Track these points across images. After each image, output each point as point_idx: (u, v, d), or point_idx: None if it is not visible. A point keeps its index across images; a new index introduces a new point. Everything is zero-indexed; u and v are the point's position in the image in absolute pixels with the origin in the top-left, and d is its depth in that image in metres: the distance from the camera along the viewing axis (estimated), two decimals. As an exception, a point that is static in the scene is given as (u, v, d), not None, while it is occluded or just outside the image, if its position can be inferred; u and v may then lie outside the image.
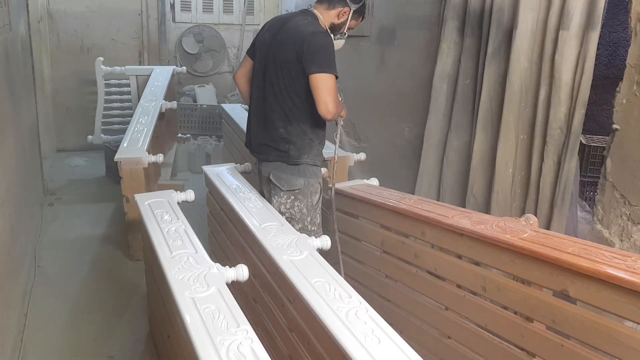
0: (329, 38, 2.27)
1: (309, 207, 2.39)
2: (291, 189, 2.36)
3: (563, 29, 2.38)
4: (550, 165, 2.49)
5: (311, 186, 2.39)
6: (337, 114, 2.22)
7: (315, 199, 2.41)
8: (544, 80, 2.50)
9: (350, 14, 2.33)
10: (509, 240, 1.74)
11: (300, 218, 2.38)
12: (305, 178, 2.37)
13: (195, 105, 5.85)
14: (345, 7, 2.32)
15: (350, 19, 2.35)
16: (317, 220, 2.44)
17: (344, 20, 2.34)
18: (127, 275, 3.21)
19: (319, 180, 2.43)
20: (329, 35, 2.29)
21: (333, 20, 2.34)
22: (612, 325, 1.48)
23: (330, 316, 1.49)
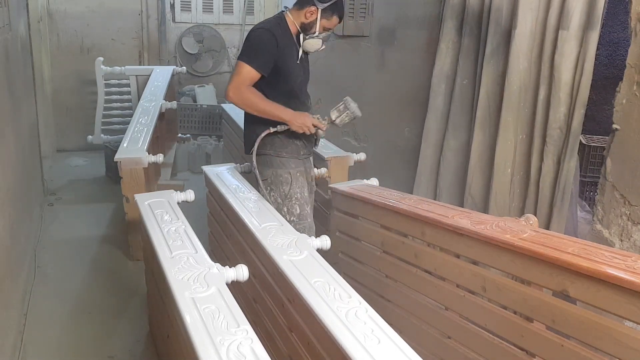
0: (262, 32, 2.37)
1: (282, 196, 2.50)
2: (263, 179, 2.52)
3: (562, 28, 2.38)
4: (549, 165, 2.49)
5: (280, 176, 2.51)
6: (237, 101, 2.38)
7: (287, 188, 2.51)
8: (543, 80, 2.50)
9: (319, 13, 2.38)
10: (508, 240, 1.74)
11: (278, 207, 2.46)
12: (272, 169, 2.51)
13: (195, 105, 5.86)
14: (312, 6, 2.38)
15: (320, 18, 2.39)
16: (295, 211, 2.51)
17: (312, 20, 2.39)
18: (127, 275, 3.21)
19: (290, 171, 2.52)
20: (264, 30, 2.38)
21: (302, 20, 2.41)
22: (612, 325, 1.48)
23: (330, 316, 1.49)
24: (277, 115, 2.42)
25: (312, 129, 2.45)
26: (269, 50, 2.37)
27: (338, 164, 3.09)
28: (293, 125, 2.42)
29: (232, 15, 6.48)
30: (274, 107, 2.42)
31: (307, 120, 2.42)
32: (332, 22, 2.44)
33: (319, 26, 2.41)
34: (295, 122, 2.41)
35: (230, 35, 6.52)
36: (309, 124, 2.43)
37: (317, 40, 2.44)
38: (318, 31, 2.42)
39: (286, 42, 2.43)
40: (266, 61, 2.38)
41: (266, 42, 2.37)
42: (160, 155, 3.37)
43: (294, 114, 2.42)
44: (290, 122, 2.42)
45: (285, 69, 2.44)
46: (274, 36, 2.37)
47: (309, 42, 2.44)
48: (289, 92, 2.51)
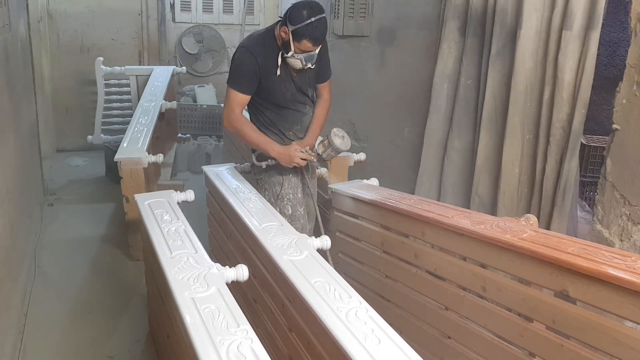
0: (242, 53, 2.39)
1: (275, 197, 2.57)
2: (259, 177, 2.62)
3: (566, 29, 2.38)
4: (552, 165, 2.49)
5: (272, 177, 2.58)
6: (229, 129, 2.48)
7: (279, 189, 2.56)
8: (548, 80, 2.50)
9: (290, 34, 2.29)
10: (509, 240, 1.74)
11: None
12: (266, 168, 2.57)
13: (195, 105, 5.85)
14: (284, 25, 2.31)
15: (292, 39, 2.29)
16: (287, 212, 2.55)
17: (287, 40, 2.31)
18: (127, 275, 3.21)
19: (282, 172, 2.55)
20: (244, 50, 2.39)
21: (282, 38, 2.35)
22: (612, 325, 1.48)
23: (330, 316, 1.49)
24: (264, 150, 2.46)
25: (302, 163, 2.45)
26: (249, 71, 2.38)
27: (338, 164, 3.09)
28: (280, 161, 2.45)
29: (232, 15, 6.47)
30: (262, 141, 2.45)
31: (294, 156, 2.42)
32: (304, 46, 2.31)
33: (293, 46, 2.32)
34: (283, 159, 2.44)
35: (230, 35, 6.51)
36: (297, 160, 2.43)
37: (295, 60, 2.36)
38: (293, 51, 2.33)
39: (270, 58, 2.40)
40: (249, 83, 2.41)
41: (246, 63, 2.38)
42: (160, 155, 3.37)
43: (280, 151, 2.43)
44: (278, 159, 2.45)
45: (269, 85, 2.43)
46: (253, 55, 2.36)
47: (289, 61, 2.38)
48: (279, 104, 2.50)
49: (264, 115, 2.53)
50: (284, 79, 2.46)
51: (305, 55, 2.35)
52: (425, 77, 3.26)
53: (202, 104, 5.86)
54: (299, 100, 2.55)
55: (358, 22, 4.25)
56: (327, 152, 2.49)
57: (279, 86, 2.45)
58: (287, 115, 2.54)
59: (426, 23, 3.37)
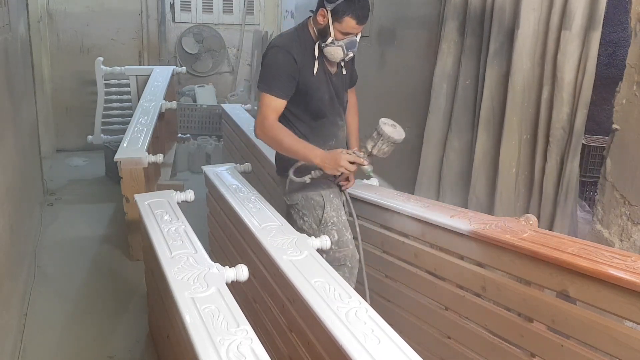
0: (276, 52, 2.10)
1: (317, 222, 2.24)
2: (293, 203, 2.29)
3: (565, 29, 2.38)
4: (553, 165, 2.49)
5: (311, 199, 2.24)
6: (262, 139, 2.16)
7: (321, 213, 2.23)
8: (546, 80, 2.50)
9: (329, 15, 2.04)
10: (509, 240, 1.74)
11: (314, 234, 2.20)
12: (302, 191, 2.25)
13: (195, 105, 5.86)
14: (322, 8, 2.06)
15: (332, 21, 2.04)
16: (333, 238, 2.20)
17: (325, 25, 2.07)
18: (127, 275, 3.22)
19: (322, 192, 2.24)
20: (279, 49, 2.10)
21: (317, 27, 2.11)
22: (612, 325, 1.48)
23: (330, 316, 1.49)
24: (305, 158, 2.09)
25: (351, 168, 2.06)
26: (287, 72, 2.09)
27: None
28: (326, 169, 2.06)
29: (232, 15, 6.48)
30: (303, 146, 2.08)
31: (340, 160, 2.03)
32: (347, 25, 2.04)
33: (333, 31, 2.06)
34: (328, 165, 2.05)
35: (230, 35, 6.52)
36: (345, 164, 2.03)
37: (336, 48, 2.08)
38: (333, 37, 2.07)
39: (307, 55, 2.14)
40: (286, 85, 2.11)
41: (283, 63, 2.09)
42: (160, 155, 3.37)
43: (324, 156, 2.05)
44: (322, 166, 2.06)
45: (307, 87, 2.15)
46: (290, 53, 2.09)
47: (328, 51, 2.10)
48: (316, 112, 2.22)
49: (295, 129, 2.22)
50: (322, 80, 2.19)
51: (347, 40, 2.08)
52: (425, 77, 3.26)
53: (202, 104, 5.86)
54: (335, 109, 2.28)
55: (358, 22, 4.24)
56: (378, 146, 2.09)
57: (317, 89, 2.18)
58: (323, 128, 2.26)
59: (426, 23, 3.37)
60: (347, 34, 2.07)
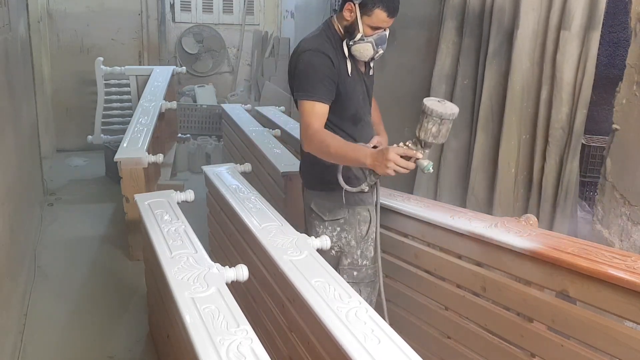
0: (311, 56, 1.92)
1: (359, 238, 2.09)
2: (335, 219, 2.08)
3: (564, 29, 2.38)
4: (552, 165, 2.49)
5: (359, 215, 2.07)
6: (311, 151, 1.91)
7: (366, 228, 2.08)
8: (545, 80, 2.50)
9: (357, 9, 1.88)
10: (509, 240, 1.74)
11: (349, 252, 2.08)
12: (349, 206, 2.06)
13: (195, 105, 5.86)
14: (349, 1, 1.90)
15: (361, 15, 1.89)
16: (369, 254, 2.10)
17: (353, 19, 1.91)
18: (127, 275, 3.21)
19: (369, 207, 2.09)
20: (313, 52, 1.92)
21: (344, 23, 1.95)
22: (612, 325, 1.48)
23: (330, 316, 1.49)
24: (356, 160, 1.83)
25: (402, 162, 1.74)
26: (326, 74, 1.91)
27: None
28: (379, 168, 1.76)
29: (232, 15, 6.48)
30: (352, 149, 1.85)
31: (391, 155, 1.72)
32: (377, 19, 1.89)
33: (361, 26, 1.90)
34: (380, 163, 1.75)
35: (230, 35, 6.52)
36: (394, 157, 1.73)
37: (365, 44, 1.92)
38: (362, 32, 1.90)
39: (339, 56, 1.98)
40: (327, 88, 1.92)
41: (321, 65, 1.91)
42: (160, 155, 3.37)
43: (375, 155, 1.78)
44: (374, 167, 1.79)
45: (344, 89, 1.99)
46: (326, 55, 1.92)
47: (356, 49, 1.94)
48: (354, 115, 2.06)
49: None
50: (357, 80, 2.04)
51: (377, 36, 1.92)
52: (425, 77, 3.26)
53: (202, 104, 5.86)
54: (368, 110, 2.14)
55: (358, 22, 4.24)
56: (426, 128, 1.72)
57: (353, 90, 2.02)
58: (363, 131, 2.08)
59: (426, 23, 3.36)
60: (376, 29, 1.92)
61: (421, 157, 1.76)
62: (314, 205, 2.11)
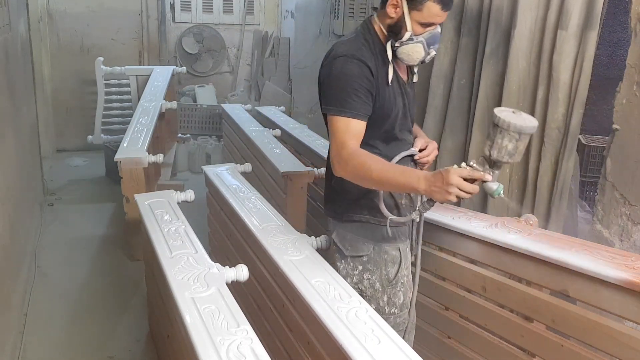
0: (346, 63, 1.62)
1: (385, 281, 1.77)
2: (356, 255, 1.78)
3: (561, 28, 2.38)
4: (547, 165, 2.49)
5: (385, 253, 1.76)
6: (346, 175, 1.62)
7: (394, 270, 1.77)
8: (542, 80, 2.50)
9: (404, 4, 1.60)
10: (509, 240, 1.74)
11: (373, 295, 1.77)
12: (374, 242, 1.76)
13: (195, 105, 5.86)
14: None
15: (409, 9, 1.60)
16: (398, 300, 1.78)
17: (399, 17, 1.62)
18: (127, 275, 3.22)
19: (399, 246, 1.78)
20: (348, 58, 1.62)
21: (387, 21, 1.66)
22: (612, 325, 1.48)
23: (330, 316, 1.49)
24: (406, 186, 1.54)
25: (467, 187, 1.45)
26: (363, 85, 1.62)
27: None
28: (438, 194, 1.47)
29: (232, 15, 6.48)
30: (399, 172, 1.55)
31: (454, 179, 1.44)
32: (429, 13, 1.59)
33: (409, 23, 1.61)
34: (439, 188, 1.46)
35: (230, 35, 6.52)
36: (457, 181, 1.44)
37: (414, 45, 1.63)
38: (411, 31, 1.62)
39: (379, 62, 1.68)
40: (364, 101, 1.62)
41: (356, 75, 1.61)
42: (160, 155, 3.37)
43: (430, 178, 1.48)
44: (430, 192, 1.49)
45: (382, 102, 1.68)
46: (363, 62, 1.62)
47: (404, 51, 1.64)
48: (390, 133, 1.74)
49: None
50: (397, 91, 1.72)
51: (428, 34, 1.63)
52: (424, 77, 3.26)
53: (202, 104, 5.86)
54: (408, 127, 1.81)
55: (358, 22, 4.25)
56: (499, 145, 1.43)
57: (393, 103, 1.70)
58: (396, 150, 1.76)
59: (426, 23, 3.36)
60: (427, 26, 1.62)
61: (490, 179, 1.47)
62: (336, 236, 1.82)
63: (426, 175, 1.50)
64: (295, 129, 3.84)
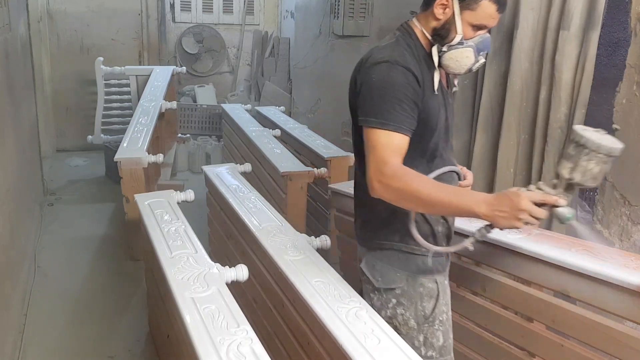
0: (388, 70, 1.43)
1: (420, 318, 1.56)
2: (388, 287, 1.57)
3: (563, 29, 2.38)
4: (550, 165, 2.49)
5: (421, 286, 1.55)
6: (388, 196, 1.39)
7: (431, 306, 1.56)
8: (544, 80, 2.50)
9: (454, 3, 1.44)
10: (509, 240, 1.74)
11: (408, 334, 1.55)
12: (408, 272, 1.55)
13: (195, 105, 5.86)
14: None
15: (460, 10, 1.44)
16: (437, 342, 1.57)
17: (448, 18, 1.46)
18: (127, 275, 3.21)
19: (436, 278, 1.57)
20: (392, 65, 1.43)
21: (433, 24, 1.49)
22: (612, 325, 1.48)
23: (330, 316, 1.49)
24: (462, 209, 1.34)
25: (539, 212, 1.29)
26: (408, 96, 1.43)
27: (338, 164, 3.09)
28: (503, 220, 1.29)
29: (232, 15, 6.48)
30: (454, 194, 1.37)
31: (525, 203, 1.27)
32: (483, 14, 1.44)
33: (460, 25, 1.45)
34: (506, 213, 1.28)
35: (230, 35, 6.52)
36: (529, 207, 1.27)
37: (464, 50, 1.45)
38: (461, 34, 1.45)
39: (424, 69, 1.49)
40: (409, 114, 1.43)
41: (401, 84, 1.42)
42: (160, 155, 3.37)
43: (492, 202, 1.30)
44: (492, 217, 1.30)
45: (427, 113, 1.48)
46: (408, 70, 1.44)
47: (451, 57, 1.47)
48: (432, 150, 1.55)
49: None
50: (440, 101, 1.54)
51: (480, 39, 1.47)
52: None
53: (202, 104, 5.86)
54: (449, 142, 1.62)
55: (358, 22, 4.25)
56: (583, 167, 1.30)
57: (437, 114, 1.51)
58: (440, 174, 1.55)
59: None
60: (479, 28, 1.47)
61: (564, 204, 1.30)
62: (364, 265, 1.62)
63: (487, 198, 1.31)
64: (295, 129, 3.85)
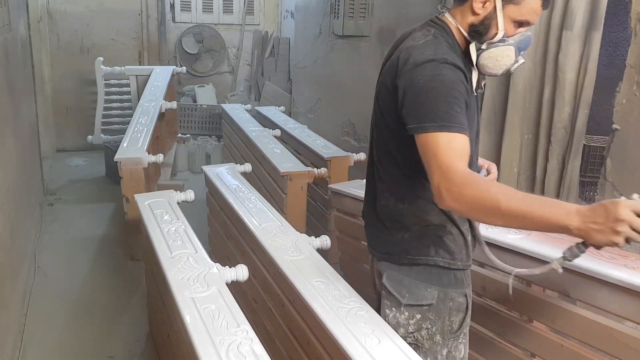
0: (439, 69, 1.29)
1: (447, 333, 1.49)
2: (416, 303, 1.47)
3: (566, 29, 2.39)
4: (554, 164, 2.50)
5: (451, 300, 1.48)
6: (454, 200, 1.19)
7: (459, 320, 1.51)
8: (547, 80, 2.51)
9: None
10: (509, 240, 1.74)
11: (431, 348, 1.49)
12: (440, 288, 1.46)
13: (195, 105, 5.86)
14: None
15: (503, 4, 1.32)
16: (459, 354, 1.53)
17: (488, 13, 1.34)
18: (127, 275, 3.21)
19: (466, 291, 1.51)
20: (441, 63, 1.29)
21: (471, 19, 1.37)
22: (612, 325, 1.48)
23: (331, 316, 1.49)
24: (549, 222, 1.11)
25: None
26: (462, 94, 1.30)
27: (338, 164, 3.09)
28: (600, 234, 1.07)
29: (232, 15, 6.48)
30: (538, 203, 1.13)
31: (624, 213, 1.05)
32: (527, 9, 1.33)
33: (502, 21, 1.34)
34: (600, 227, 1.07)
35: (230, 35, 6.52)
36: (631, 218, 1.04)
37: (505, 48, 1.34)
38: (503, 30, 1.34)
39: (467, 68, 1.38)
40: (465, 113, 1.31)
41: (455, 82, 1.30)
42: (160, 155, 3.37)
43: (584, 213, 1.08)
44: (586, 232, 1.08)
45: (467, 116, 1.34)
46: (457, 67, 1.31)
47: (490, 56, 1.36)
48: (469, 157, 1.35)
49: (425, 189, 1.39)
50: (474, 105, 1.43)
51: (520, 37, 1.37)
52: (425, 77, 3.26)
53: (202, 104, 5.86)
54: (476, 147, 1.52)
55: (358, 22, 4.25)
56: None
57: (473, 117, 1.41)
58: None
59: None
60: (522, 25, 1.36)
61: None
62: (387, 280, 1.49)
63: (580, 209, 1.09)
64: (295, 129, 3.85)
